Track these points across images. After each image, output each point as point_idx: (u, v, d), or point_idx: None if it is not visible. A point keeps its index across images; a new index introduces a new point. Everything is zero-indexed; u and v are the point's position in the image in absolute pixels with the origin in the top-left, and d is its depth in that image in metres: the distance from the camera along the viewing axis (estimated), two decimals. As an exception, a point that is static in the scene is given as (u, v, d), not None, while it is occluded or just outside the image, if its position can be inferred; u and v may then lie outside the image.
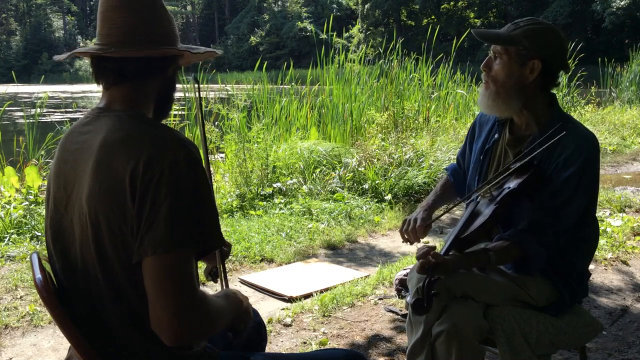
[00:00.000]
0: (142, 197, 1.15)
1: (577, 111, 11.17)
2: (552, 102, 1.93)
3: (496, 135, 2.02)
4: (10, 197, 4.94)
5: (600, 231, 3.91)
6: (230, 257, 3.98)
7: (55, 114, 12.66)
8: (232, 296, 1.40)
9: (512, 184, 1.82)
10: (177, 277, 1.14)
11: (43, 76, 23.27)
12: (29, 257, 1.67)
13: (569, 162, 1.79)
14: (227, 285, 1.57)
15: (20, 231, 4.49)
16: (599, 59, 15.64)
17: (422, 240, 2.07)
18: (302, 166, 6.09)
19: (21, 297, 3.42)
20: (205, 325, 1.21)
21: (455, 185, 2.24)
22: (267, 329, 2.66)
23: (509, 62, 1.85)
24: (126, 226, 1.17)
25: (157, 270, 1.14)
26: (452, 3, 46.77)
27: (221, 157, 6.46)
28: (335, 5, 55.89)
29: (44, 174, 5.25)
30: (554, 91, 1.96)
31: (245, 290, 3.51)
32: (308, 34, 50.72)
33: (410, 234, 2.01)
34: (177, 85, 1.46)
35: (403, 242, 2.08)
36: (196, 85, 1.64)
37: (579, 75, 11.97)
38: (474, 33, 1.94)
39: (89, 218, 1.21)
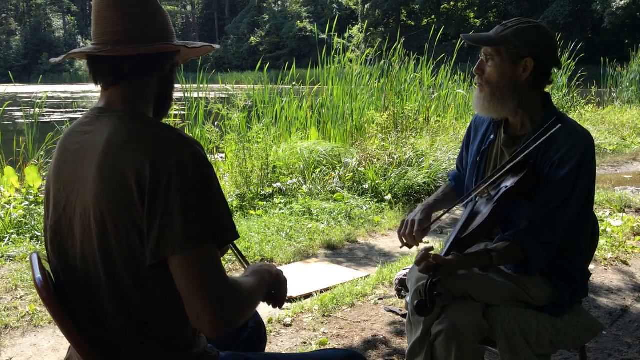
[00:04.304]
0: (152, 199, 1.16)
1: (577, 111, 11.17)
2: (546, 101, 1.94)
3: (492, 136, 2.03)
4: (10, 197, 4.94)
5: (600, 231, 3.91)
6: (230, 257, 3.98)
7: (55, 114, 12.66)
8: (259, 270, 1.42)
9: (509, 182, 1.82)
10: (205, 271, 1.16)
11: (41, 76, 23.20)
12: (29, 257, 1.67)
13: (564, 160, 1.80)
14: (247, 264, 1.58)
15: (20, 231, 4.49)
16: (599, 59, 15.66)
17: (421, 243, 2.06)
18: (302, 166, 6.09)
19: (21, 297, 3.42)
20: (244, 309, 1.24)
21: (457, 190, 2.24)
22: (267, 329, 2.66)
23: (501, 63, 1.86)
24: (133, 227, 1.18)
25: (183, 269, 1.16)
26: (452, 3, 46.76)
27: (221, 157, 6.46)
28: (335, 5, 55.87)
29: (44, 174, 5.25)
30: (554, 92, 1.97)
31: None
32: (308, 34, 50.72)
33: (408, 237, 2.01)
34: (177, 85, 1.46)
35: (401, 246, 2.07)
36: None
37: (579, 75, 11.98)
38: (464, 38, 1.95)
39: (94, 219, 1.21)
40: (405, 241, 2.03)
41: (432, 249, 1.78)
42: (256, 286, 1.34)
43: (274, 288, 1.47)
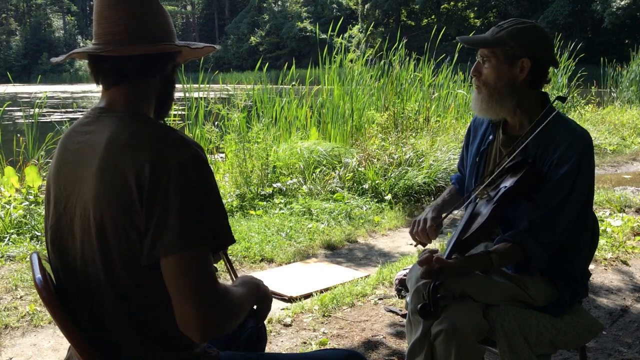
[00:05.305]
0: (151, 199, 1.15)
1: (577, 111, 11.17)
2: (544, 100, 1.94)
3: (491, 137, 2.04)
4: (10, 197, 4.94)
5: (600, 231, 3.91)
6: (230, 257, 3.99)
7: (55, 114, 12.66)
8: (249, 282, 1.41)
9: (508, 182, 1.82)
10: (197, 275, 1.16)
11: (40, 76, 23.17)
12: (29, 257, 1.67)
13: (563, 159, 1.80)
14: (236, 275, 1.58)
15: (20, 231, 4.49)
16: (599, 59, 15.66)
17: (432, 241, 2.05)
18: (302, 166, 6.09)
19: (21, 297, 3.42)
20: (231, 317, 1.23)
21: (461, 192, 2.24)
22: (267, 329, 2.66)
23: (497, 64, 1.87)
24: (132, 227, 1.18)
25: (176, 270, 1.15)
26: (452, 3, 46.76)
27: (221, 157, 6.46)
28: (335, 5, 55.88)
29: (44, 174, 5.25)
30: (554, 92, 1.97)
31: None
32: (308, 34, 50.72)
33: (421, 234, 2.00)
34: (178, 85, 1.46)
35: (415, 245, 2.06)
36: None
37: (579, 75, 11.97)
38: (460, 40, 1.95)
39: (93, 219, 1.21)
40: (418, 239, 2.02)
41: (436, 251, 1.78)
42: (245, 297, 1.34)
43: (258, 303, 1.46)
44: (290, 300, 3.36)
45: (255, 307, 1.47)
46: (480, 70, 1.91)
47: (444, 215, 2.06)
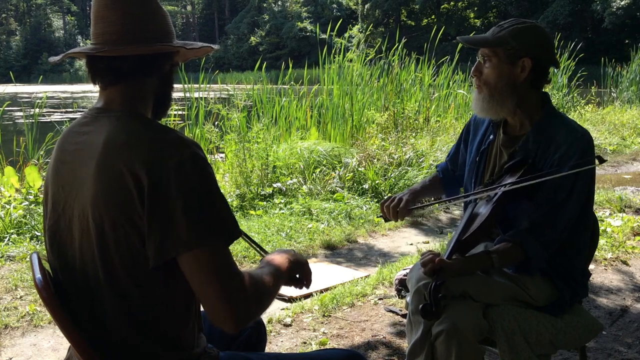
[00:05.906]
0: (152, 200, 1.15)
1: (577, 111, 11.17)
2: (545, 101, 1.95)
3: (491, 137, 2.04)
4: (10, 197, 4.94)
5: (600, 231, 3.90)
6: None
7: (55, 114, 12.66)
8: (275, 259, 1.42)
9: (507, 182, 1.82)
10: (214, 269, 1.17)
11: (41, 76, 23.15)
12: (29, 257, 1.67)
13: (563, 159, 1.80)
14: (265, 252, 1.58)
15: (20, 231, 4.49)
16: (599, 59, 15.67)
17: (398, 221, 2.09)
18: (302, 166, 6.09)
19: (21, 297, 3.42)
20: (259, 301, 1.25)
21: (443, 182, 2.26)
22: (267, 329, 2.66)
23: (498, 64, 1.87)
24: (132, 228, 1.17)
25: (193, 268, 1.17)
26: (452, 3, 46.77)
27: (221, 157, 6.46)
28: (335, 5, 55.89)
29: (44, 174, 5.25)
30: (554, 92, 1.98)
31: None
32: (308, 34, 50.72)
33: (391, 210, 2.02)
34: (177, 85, 1.45)
35: (379, 216, 2.09)
36: None
37: (579, 75, 11.98)
38: (461, 40, 1.95)
39: (92, 219, 1.21)
40: (385, 212, 2.06)
41: (438, 254, 1.78)
42: (272, 277, 1.34)
43: (296, 272, 1.48)
44: (290, 300, 3.36)
45: (297, 275, 1.48)
46: (481, 70, 1.92)
47: (418, 204, 2.08)
